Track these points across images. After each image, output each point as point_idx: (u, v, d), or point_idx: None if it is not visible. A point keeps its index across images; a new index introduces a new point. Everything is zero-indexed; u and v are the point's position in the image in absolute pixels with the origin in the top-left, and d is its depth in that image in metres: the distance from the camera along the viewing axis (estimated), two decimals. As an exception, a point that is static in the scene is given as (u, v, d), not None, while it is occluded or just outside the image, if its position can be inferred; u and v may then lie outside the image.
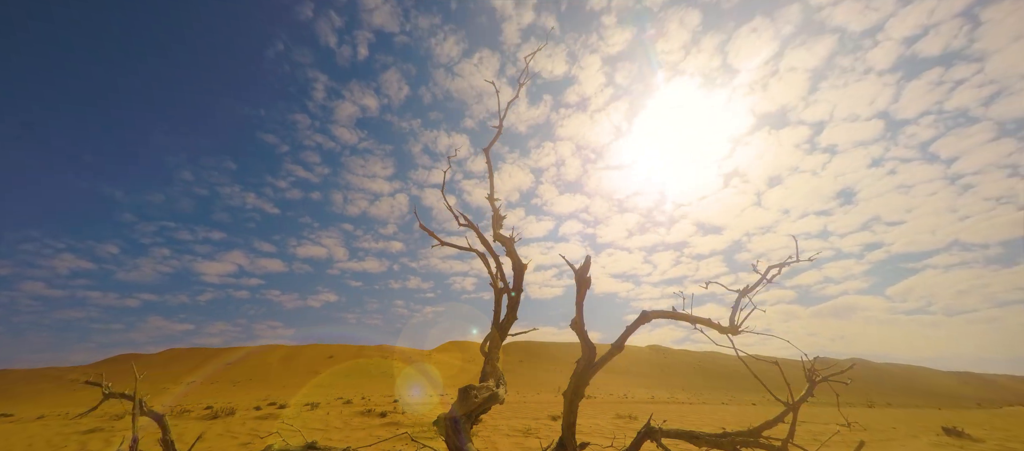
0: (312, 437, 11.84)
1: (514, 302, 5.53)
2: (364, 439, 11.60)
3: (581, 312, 4.97)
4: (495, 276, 5.71)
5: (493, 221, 5.85)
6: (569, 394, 4.85)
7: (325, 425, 15.29)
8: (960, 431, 13.06)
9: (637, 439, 4.74)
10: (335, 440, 11.68)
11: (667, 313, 4.75)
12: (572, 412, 4.84)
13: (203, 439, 12.08)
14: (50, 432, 15.51)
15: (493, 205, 6.01)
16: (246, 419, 18.01)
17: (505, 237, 5.73)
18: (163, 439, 5.73)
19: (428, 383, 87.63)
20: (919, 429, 14.96)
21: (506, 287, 5.60)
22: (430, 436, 11.70)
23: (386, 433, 12.95)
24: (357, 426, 14.93)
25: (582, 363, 4.86)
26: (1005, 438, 12.56)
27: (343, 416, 18.62)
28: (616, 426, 14.62)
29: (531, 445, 10.64)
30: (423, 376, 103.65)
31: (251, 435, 13.05)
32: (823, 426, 14.97)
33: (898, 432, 14.13)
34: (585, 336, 4.92)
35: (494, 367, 5.24)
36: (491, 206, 6.02)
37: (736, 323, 4.52)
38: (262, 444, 11.03)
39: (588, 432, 12.66)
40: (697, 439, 4.50)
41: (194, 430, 13.88)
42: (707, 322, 4.61)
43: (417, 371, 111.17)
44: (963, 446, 11.13)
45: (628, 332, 4.78)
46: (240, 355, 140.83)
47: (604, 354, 4.84)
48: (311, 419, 17.45)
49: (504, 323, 5.51)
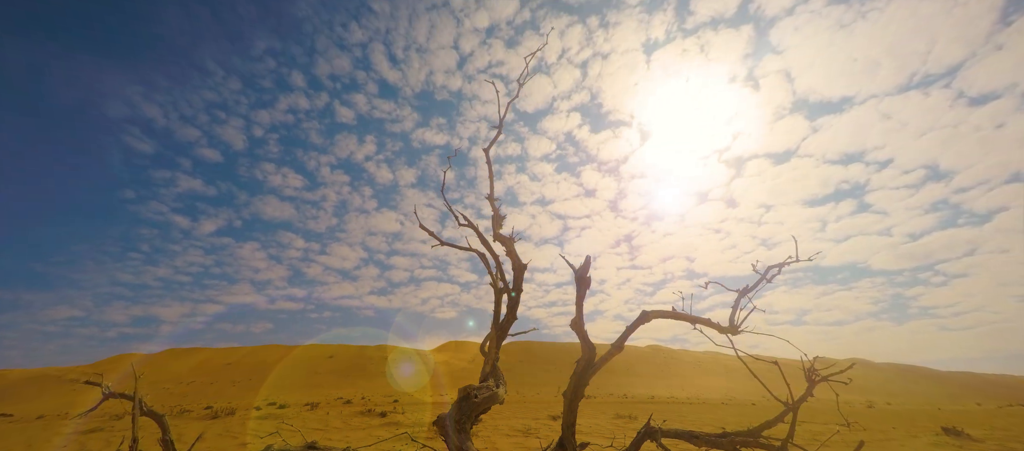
0: (312, 437, 11.85)
1: (514, 302, 5.52)
2: (364, 439, 11.61)
3: (581, 312, 4.98)
4: (495, 276, 5.70)
5: (493, 221, 5.85)
6: (569, 394, 4.85)
7: (325, 425, 15.30)
8: (960, 431, 13.07)
9: (637, 439, 4.74)
10: (335, 440, 11.68)
11: (667, 313, 4.75)
12: (572, 412, 4.85)
13: (203, 439, 12.09)
14: (50, 432, 15.52)
15: (493, 205, 6.00)
16: (246, 419, 18.03)
17: (505, 237, 5.72)
18: (163, 439, 5.73)
19: (428, 383, 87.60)
20: (919, 429, 14.97)
21: (506, 287, 5.59)
22: (430, 436, 11.70)
23: (386, 433, 12.96)
24: (357, 426, 14.94)
25: (582, 363, 4.87)
26: (1005, 438, 12.56)
27: (343, 416, 18.64)
28: (616, 426, 14.63)
29: (531, 445, 10.65)
30: (423, 376, 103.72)
31: (251, 435, 13.07)
32: (823, 426, 14.98)
33: (898, 432, 14.14)
34: (585, 336, 4.93)
35: (494, 367, 5.24)
36: (491, 206, 6.02)
37: (736, 323, 4.52)
38: (262, 444, 11.03)
39: (588, 432, 12.66)
40: (697, 439, 4.51)
41: (194, 430, 13.89)
42: (707, 322, 4.61)
43: (417, 371, 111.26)
44: (963, 446, 11.14)
45: (628, 332, 4.79)
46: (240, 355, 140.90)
47: (604, 354, 4.85)
48: (311, 419, 17.46)
49: (504, 323, 5.51)
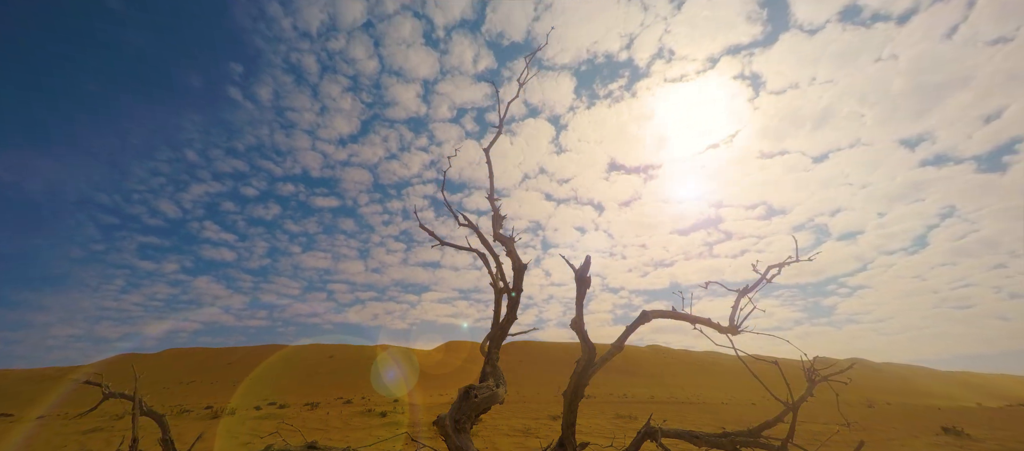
0: (312, 437, 11.86)
1: (514, 302, 5.52)
2: (364, 439, 11.61)
3: (581, 312, 4.98)
4: (495, 276, 5.70)
5: (493, 221, 5.85)
6: (569, 394, 4.85)
7: (325, 425, 15.30)
8: (960, 431, 13.08)
9: (637, 439, 4.74)
10: (335, 440, 11.68)
11: (667, 313, 4.75)
12: (572, 412, 4.84)
13: (203, 439, 12.10)
14: (50, 432, 15.52)
15: (493, 205, 6.00)
16: (246, 419, 18.03)
17: (505, 237, 5.72)
18: (163, 439, 5.73)
19: (428, 383, 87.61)
20: (919, 429, 14.97)
21: (506, 287, 5.59)
22: (430, 436, 11.71)
23: (386, 433, 12.96)
24: (357, 426, 14.95)
25: (582, 363, 4.86)
26: (1005, 438, 12.57)
27: (343, 416, 18.64)
28: (616, 426, 14.63)
29: (531, 445, 10.65)
30: (423, 376, 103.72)
31: (251, 435, 13.07)
32: (823, 426, 14.98)
33: (898, 432, 14.13)
34: (585, 335, 4.92)
35: (494, 367, 5.23)
36: (491, 206, 6.01)
37: (736, 323, 4.52)
38: (262, 444, 11.03)
39: (588, 432, 12.66)
40: (697, 439, 4.50)
41: (194, 430, 13.89)
42: (707, 322, 4.61)
43: (417, 371, 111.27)
44: (963, 446, 11.14)
45: (628, 332, 4.78)
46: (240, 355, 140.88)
47: (604, 354, 4.84)
48: (311, 419, 17.46)
49: (504, 323, 5.50)
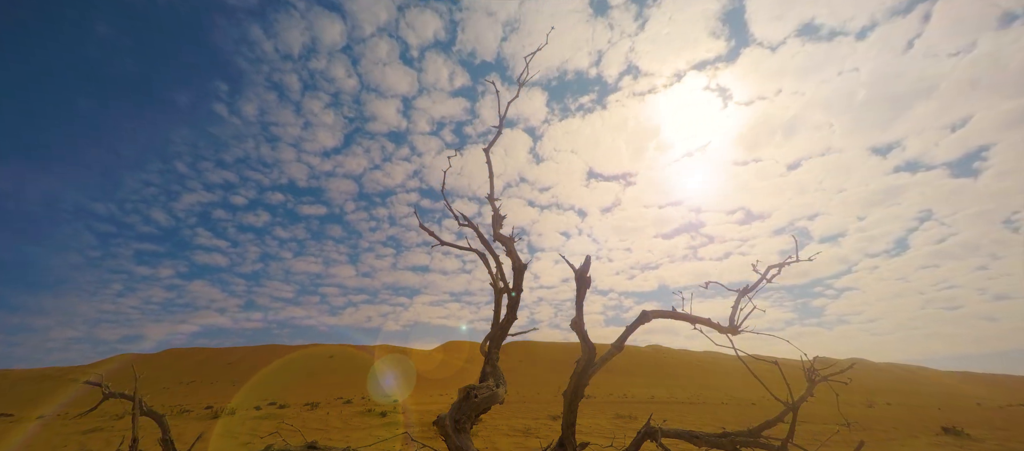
0: (312, 437, 11.86)
1: (514, 302, 5.52)
2: (364, 439, 11.62)
3: (581, 312, 4.98)
4: (495, 276, 5.70)
5: (493, 221, 5.85)
6: (569, 394, 4.85)
7: (325, 425, 15.30)
8: (960, 431, 13.08)
9: (637, 439, 4.74)
10: (335, 440, 11.69)
11: (667, 313, 4.75)
12: (572, 412, 4.84)
13: (203, 439, 12.10)
14: (50, 432, 15.52)
15: (493, 205, 6.00)
16: (246, 419, 18.03)
17: (505, 237, 5.72)
18: (163, 439, 5.73)
19: (428, 383, 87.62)
20: (919, 429, 14.97)
21: (506, 287, 5.59)
22: (430, 436, 11.70)
23: (386, 433, 12.96)
24: (357, 426, 14.94)
25: (582, 363, 4.87)
26: (1005, 438, 12.57)
27: (343, 416, 18.63)
28: (616, 426, 14.63)
29: (531, 445, 10.65)
30: (423, 376, 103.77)
31: (251, 435, 13.07)
32: (823, 426, 14.98)
33: (898, 432, 14.14)
34: (585, 336, 4.92)
35: (494, 367, 5.24)
36: (491, 206, 6.02)
37: (736, 323, 4.52)
38: (262, 444, 11.03)
39: (588, 432, 12.66)
40: (697, 439, 4.51)
41: (194, 430, 13.90)
42: (707, 322, 4.61)
43: (417, 371, 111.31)
44: (963, 446, 11.14)
45: (628, 332, 4.78)
46: (240, 355, 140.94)
47: (604, 354, 4.85)
48: (311, 419, 17.46)
49: (504, 323, 5.51)
